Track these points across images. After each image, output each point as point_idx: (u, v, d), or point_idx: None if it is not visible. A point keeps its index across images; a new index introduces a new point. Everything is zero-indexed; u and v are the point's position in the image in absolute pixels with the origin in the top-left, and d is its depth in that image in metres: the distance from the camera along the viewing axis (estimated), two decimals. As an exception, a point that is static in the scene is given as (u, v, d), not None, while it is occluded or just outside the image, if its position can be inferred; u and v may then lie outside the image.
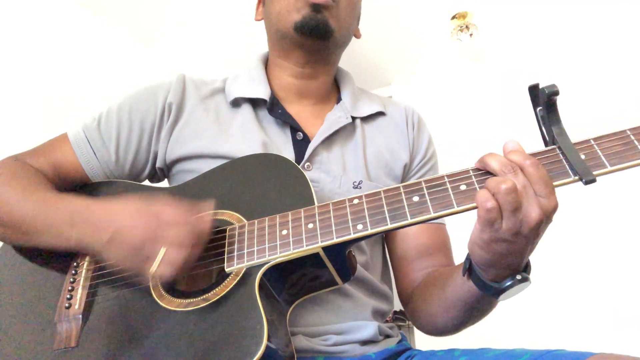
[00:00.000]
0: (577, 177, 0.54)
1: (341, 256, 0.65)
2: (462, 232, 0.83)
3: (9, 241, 0.75)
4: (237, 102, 0.87)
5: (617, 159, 0.54)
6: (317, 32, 0.82)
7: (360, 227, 0.61)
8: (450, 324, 0.74)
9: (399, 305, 0.89)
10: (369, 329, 0.75)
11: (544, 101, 0.57)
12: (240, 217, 0.69)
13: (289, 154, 0.82)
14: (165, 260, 0.58)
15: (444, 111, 2.82)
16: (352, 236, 0.60)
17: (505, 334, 1.79)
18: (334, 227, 0.62)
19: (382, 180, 0.85)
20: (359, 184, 0.81)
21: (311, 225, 0.63)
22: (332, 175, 0.81)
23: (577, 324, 2.18)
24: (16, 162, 0.79)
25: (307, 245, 0.62)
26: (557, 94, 0.56)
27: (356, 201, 0.63)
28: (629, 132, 0.55)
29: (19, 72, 1.90)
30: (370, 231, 0.60)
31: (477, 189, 0.57)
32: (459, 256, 0.71)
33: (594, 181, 0.53)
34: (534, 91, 0.58)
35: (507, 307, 0.96)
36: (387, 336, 0.80)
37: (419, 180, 0.61)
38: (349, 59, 1.01)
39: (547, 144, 0.59)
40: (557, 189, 0.55)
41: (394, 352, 0.77)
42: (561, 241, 2.00)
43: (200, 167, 0.79)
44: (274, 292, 0.66)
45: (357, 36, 0.97)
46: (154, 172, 0.88)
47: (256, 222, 0.67)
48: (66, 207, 0.68)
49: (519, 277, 0.58)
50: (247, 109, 0.86)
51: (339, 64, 0.96)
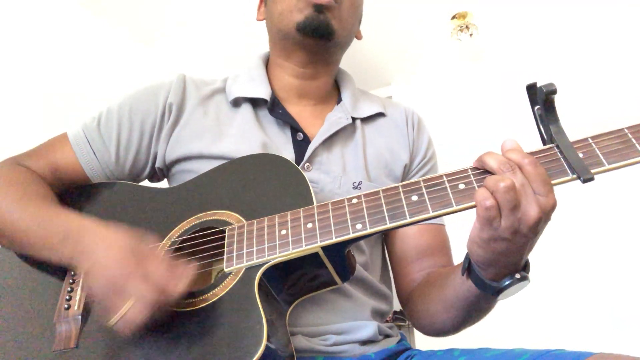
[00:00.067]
0: (575, 176, 0.54)
1: (340, 256, 0.65)
2: (461, 232, 0.83)
3: (3, 246, 0.76)
4: (237, 102, 0.87)
5: (615, 157, 0.54)
6: (319, 33, 0.82)
7: (359, 226, 0.60)
8: (449, 323, 0.74)
9: (398, 305, 0.89)
10: (369, 328, 0.75)
11: (542, 100, 0.57)
12: (239, 217, 0.69)
13: (289, 154, 0.82)
14: (126, 316, 0.56)
15: (444, 111, 2.82)
16: (351, 236, 0.60)
17: (504, 334, 1.79)
18: (333, 227, 0.62)
19: (382, 180, 0.85)
20: (359, 185, 0.81)
21: (310, 225, 0.63)
22: (332, 175, 0.81)
23: (576, 324, 2.18)
24: (15, 166, 0.78)
25: (306, 245, 0.62)
26: (554, 92, 0.56)
27: (355, 201, 0.63)
28: (626, 131, 0.55)
29: (19, 72, 1.90)
30: (369, 231, 0.60)
31: (476, 188, 0.57)
32: (459, 256, 0.71)
33: (592, 179, 0.53)
34: (531, 90, 0.58)
35: (506, 307, 0.96)
36: (387, 336, 0.80)
37: (418, 179, 0.61)
38: (349, 59, 1.01)
39: (545, 143, 0.59)
40: (555, 188, 0.55)
41: (393, 352, 0.77)
42: (560, 240, 2.01)
43: (200, 167, 0.79)
44: (273, 292, 0.66)
45: (359, 37, 0.97)
46: (154, 172, 0.88)
47: (255, 222, 0.67)
48: (62, 224, 0.67)
49: (518, 276, 0.58)
50: (247, 108, 0.86)
51: (339, 64, 0.96)
